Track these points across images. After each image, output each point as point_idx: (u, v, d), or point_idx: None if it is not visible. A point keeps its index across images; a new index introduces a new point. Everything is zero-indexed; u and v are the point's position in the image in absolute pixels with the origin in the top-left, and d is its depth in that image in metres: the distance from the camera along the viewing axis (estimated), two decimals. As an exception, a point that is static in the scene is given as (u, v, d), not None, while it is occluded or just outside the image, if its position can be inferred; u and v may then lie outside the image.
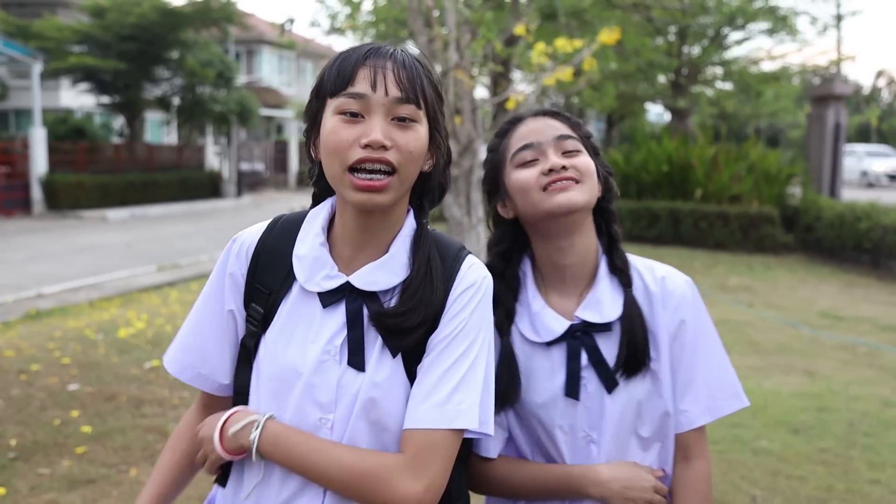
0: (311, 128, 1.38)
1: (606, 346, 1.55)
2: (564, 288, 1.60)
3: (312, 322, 1.36)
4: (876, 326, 8.15)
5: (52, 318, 7.89)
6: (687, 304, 1.59)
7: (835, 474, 4.27)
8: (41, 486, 3.93)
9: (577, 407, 1.56)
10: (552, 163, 1.52)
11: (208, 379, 1.46)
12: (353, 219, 1.36)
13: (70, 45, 22.07)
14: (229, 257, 1.44)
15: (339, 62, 1.32)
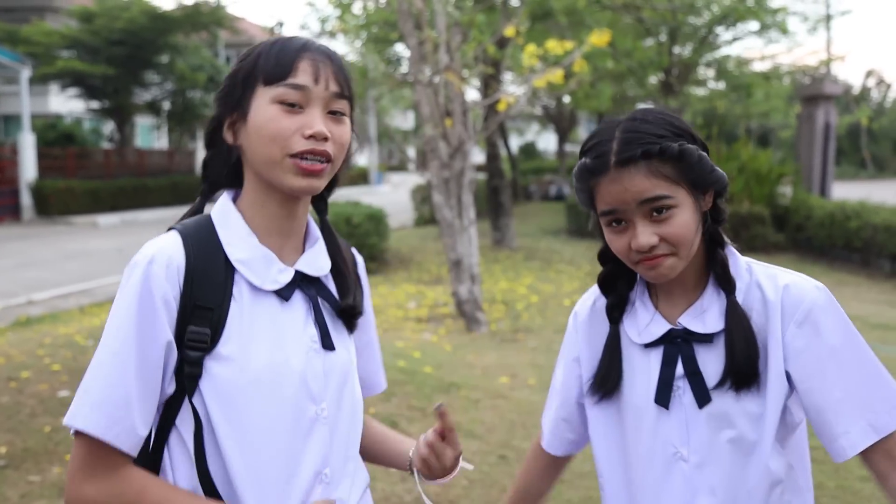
0: (229, 112, 1.36)
1: (708, 359, 1.43)
2: (672, 294, 1.50)
3: (276, 320, 1.35)
4: (866, 324, 8.18)
5: (42, 324, 7.85)
6: (818, 312, 1.41)
7: (825, 472, 4.27)
8: (31, 494, 3.90)
9: (668, 418, 1.46)
10: (639, 244, 1.37)
11: (133, 434, 1.25)
12: (280, 207, 1.37)
13: (58, 51, 22.05)
14: (152, 281, 1.26)
15: (276, 51, 1.32)
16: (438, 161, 7.20)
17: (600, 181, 1.39)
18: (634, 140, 1.36)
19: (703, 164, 1.39)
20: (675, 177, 1.37)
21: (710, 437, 1.43)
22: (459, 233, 7.24)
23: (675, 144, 1.36)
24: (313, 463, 1.34)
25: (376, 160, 37.93)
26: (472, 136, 7.39)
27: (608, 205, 1.39)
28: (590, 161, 1.40)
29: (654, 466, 1.47)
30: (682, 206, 1.38)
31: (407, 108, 25.90)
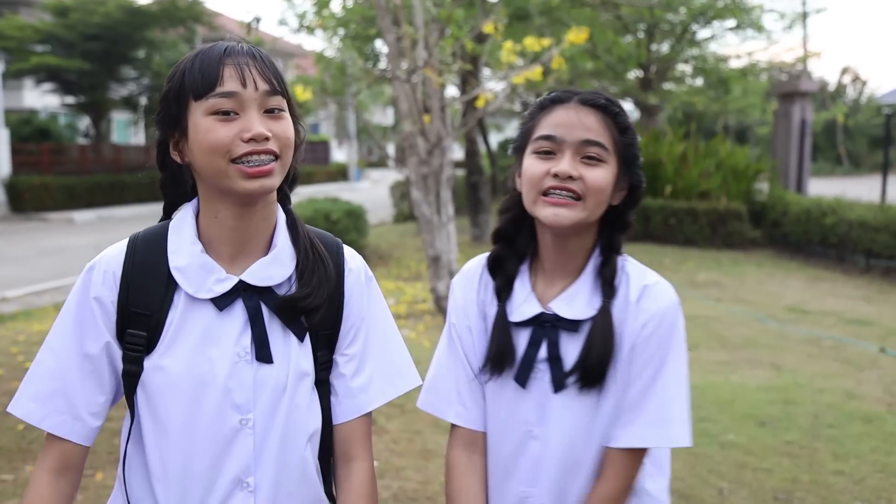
0: (170, 133, 1.37)
1: (570, 347, 1.51)
2: (552, 276, 1.57)
3: (210, 328, 1.37)
4: (841, 320, 8.27)
5: (16, 321, 7.77)
6: (663, 326, 1.51)
7: (800, 466, 4.32)
8: (5, 493, 3.86)
9: (526, 397, 1.53)
10: (561, 168, 1.46)
11: (77, 425, 1.38)
12: (231, 216, 1.38)
13: (33, 45, 21.78)
14: (90, 286, 1.37)
15: (198, 64, 1.33)
16: (417, 157, 7.18)
17: (556, 109, 1.51)
18: (601, 95, 1.52)
19: (637, 152, 1.55)
20: (616, 141, 1.50)
21: (561, 420, 1.50)
22: (438, 229, 7.23)
23: (627, 119, 1.53)
24: (233, 470, 1.37)
25: (355, 156, 37.80)
26: (451, 133, 7.38)
27: (553, 129, 1.49)
28: (555, 94, 1.54)
29: (509, 441, 1.54)
30: (608, 168, 1.49)
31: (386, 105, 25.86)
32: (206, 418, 1.36)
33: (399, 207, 18.64)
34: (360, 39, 12.95)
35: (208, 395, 1.35)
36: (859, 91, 45.40)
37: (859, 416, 5.15)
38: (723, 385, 5.79)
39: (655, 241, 14.19)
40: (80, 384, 1.37)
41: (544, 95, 1.57)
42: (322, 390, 1.46)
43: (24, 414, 1.37)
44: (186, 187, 1.45)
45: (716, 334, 7.50)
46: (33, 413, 1.37)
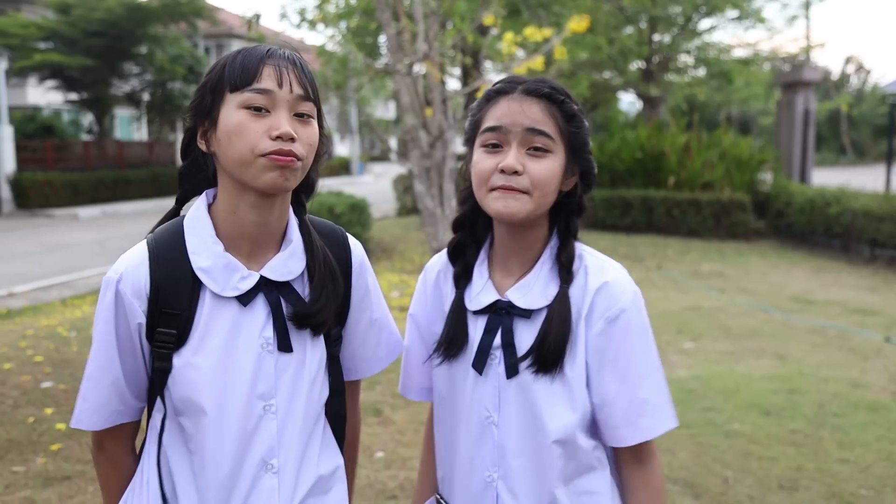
0: (201, 121, 1.43)
1: (525, 333, 1.52)
2: (508, 266, 1.58)
3: (236, 324, 1.44)
4: (846, 310, 8.27)
5: (23, 316, 7.81)
6: (627, 315, 1.51)
7: (805, 454, 4.34)
8: (16, 484, 3.90)
9: (484, 384, 1.55)
10: (506, 163, 1.46)
11: (131, 410, 1.52)
12: (251, 211, 1.43)
13: (35, 42, 21.80)
14: (123, 298, 1.43)
15: (240, 59, 1.39)
16: (419, 150, 7.20)
17: (501, 101, 1.51)
18: (545, 83, 1.51)
19: (585, 138, 1.54)
20: (562, 129, 1.50)
21: (517, 406, 1.52)
22: (441, 221, 7.25)
23: (574, 106, 1.51)
24: (259, 453, 1.45)
25: (358, 150, 37.79)
26: (453, 125, 7.39)
27: (498, 120, 1.49)
28: (499, 85, 1.53)
29: (470, 428, 1.57)
30: (555, 157, 1.49)
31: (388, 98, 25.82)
32: (234, 409, 1.43)
33: (402, 201, 18.64)
34: (361, 33, 12.95)
35: (236, 387, 1.43)
36: (863, 80, 45.25)
37: (864, 404, 5.16)
38: (727, 375, 5.81)
39: (659, 232, 14.19)
40: (126, 384, 1.47)
41: (490, 87, 1.57)
42: (335, 363, 1.58)
43: (90, 425, 1.49)
44: (207, 175, 1.49)
45: (720, 324, 7.51)
46: (97, 423, 1.49)
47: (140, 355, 1.46)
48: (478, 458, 1.56)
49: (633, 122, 18.11)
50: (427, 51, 6.85)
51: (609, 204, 14.40)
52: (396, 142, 20.75)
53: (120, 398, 1.48)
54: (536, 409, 1.50)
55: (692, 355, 6.39)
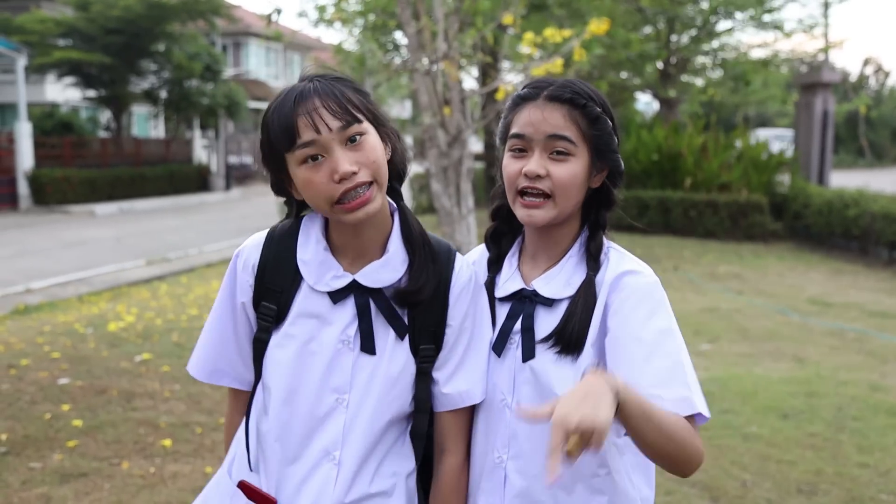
0: (279, 175, 1.56)
1: (545, 320, 1.58)
2: (537, 259, 1.66)
3: (324, 317, 1.56)
4: (864, 312, 8.20)
5: (40, 312, 7.85)
6: (637, 294, 1.52)
7: (824, 458, 4.30)
8: (33, 480, 3.92)
9: (501, 366, 1.61)
10: (529, 168, 1.54)
11: (234, 376, 1.68)
12: (349, 231, 1.56)
13: (54, 39, 21.94)
14: (237, 271, 1.63)
15: (275, 119, 1.48)
16: (437, 150, 7.18)
17: (525, 107, 1.57)
18: (568, 88, 1.56)
19: (610, 139, 1.58)
20: (585, 133, 1.55)
21: (530, 391, 1.56)
22: (458, 221, 7.23)
23: (597, 108, 1.56)
24: (324, 442, 1.55)
25: (374, 149, 37.76)
26: (471, 125, 7.37)
27: (522, 128, 1.56)
28: (525, 91, 1.60)
29: (489, 409, 1.62)
30: (579, 160, 1.55)
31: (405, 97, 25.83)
32: (305, 394, 1.55)
33: (418, 200, 18.64)
34: (379, 31, 12.95)
35: (313, 373, 1.55)
36: (882, 82, 44.87)
37: (884, 408, 5.11)
38: (745, 377, 5.76)
39: (675, 233, 14.13)
40: (230, 342, 1.65)
41: (517, 91, 1.63)
42: (423, 380, 1.60)
43: (195, 373, 1.69)
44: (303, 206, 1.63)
45: (738, 327, 7.46)
46: (201, 374, 1.68)
47: (245, 321, 1.62)
48: (489, 439, 1.62)
49: (650, 122, 18.03)
50: (447, 50, 6.84)
51: (625, 205, 14.09)
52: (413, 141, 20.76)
53: (225, 357, 1.65)
54: (549, 394, 1.53)
55: (709, 357, 6.35)
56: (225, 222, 16.50)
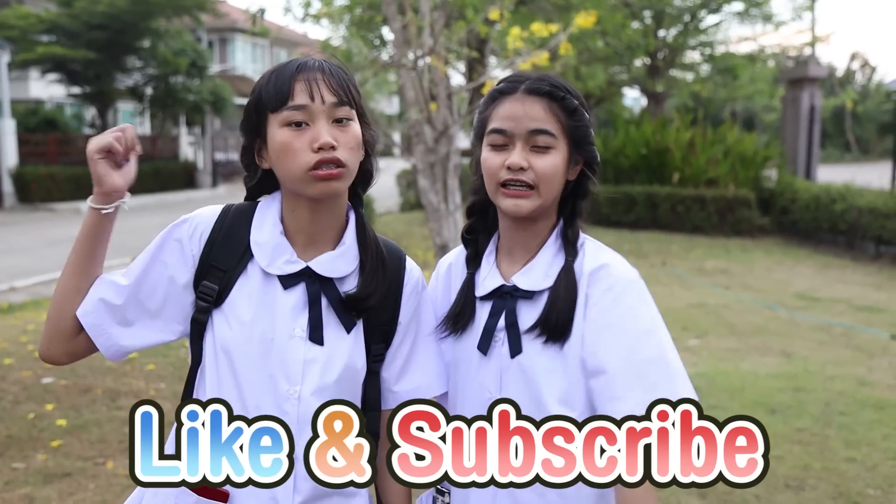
0: (254, 140, 1.56)
1: (528, 314, 1.59)
2: (513, 254, 1.66)
3: (273, 301, 1.54)
4: (851, 307, 8.23)
5: (24, 311, 7.79)
6: (623, 288, 1.55)
7: (811, 453, 4.30)
8: (16, 481, 3.87)
9: (487, 365, 1.61)
10: (512, 161, 1.55)
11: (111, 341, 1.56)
12: (306, 213, 1.56)
13: (37, 35, 21.73)
14: (177, 232, 1.57)
15: (273, 80, 1.51)
16: (423, 145, 7.15)
17: (504, 101, 1.58)
18: (545, 81, 1.58)
19: (587, 130, 1.61)
20: (564, 127, 1.57)
21: (518, 388, 1.57)
22: (445, 217, 7.20)
23: (575, 101, 1.58)
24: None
25: (361, 145, 37.72)
26: (458, 121, 7.34)
27: (503, 123, 1.57)
28: (502, 85, 1.61)
29: (472, 409, 1.57)
30: (558, 152, 1.57)
31: (391, 93, 25.76)
32: (263, 378, 1.52)
33: (405, 196, 18.61)
34: (365, 27, 12.90)
35: (268, 358, 1.52)
36: (868, 77, 45.14)
37: (871, 403, 5.12)
38: (733, 373, 5.77)
39: (663, 228, 14.15)
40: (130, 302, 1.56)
41: (494, 86, 1.64)
42: (372, 380, 1.61)
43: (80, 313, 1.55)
44: (271, 188, 1.62)
45: (725, 322, 7.47)
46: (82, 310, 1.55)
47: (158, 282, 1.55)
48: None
49: (637, 118, 18.05)
50: (433, 45, 6.81)
51: (613, 200, 14.35)
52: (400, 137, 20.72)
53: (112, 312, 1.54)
54: (537, 391, 1.55)
55: (697, 353, 6.35)
56: (212, 219, 16.31)
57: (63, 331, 1.56)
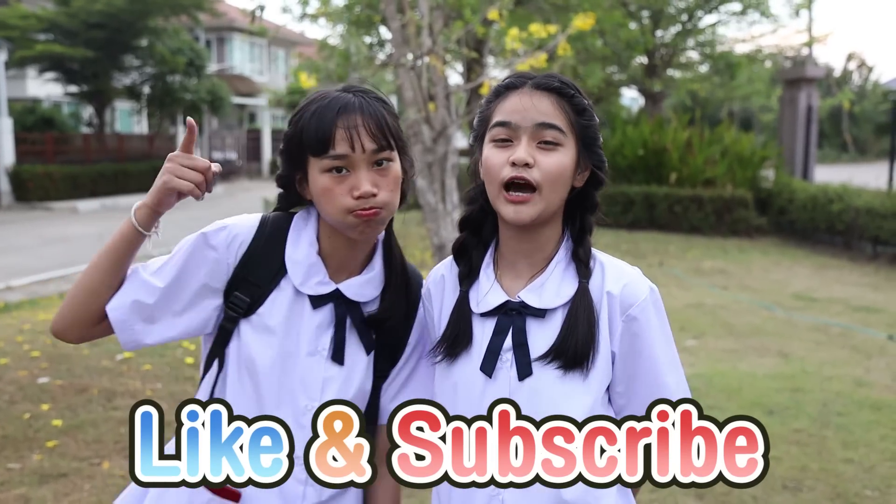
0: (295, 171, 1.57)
1: (541, 333, 1.50)
2: (517, 268, 1.56)
3: (301, 318, 1.58)
4: (848, 307, 8.23)
5: (21, 310, 7.76)
6: (646, 309, 1.52)
7: (809, 454, 4.29)
8: (11, 481, 3.86)
9: (494, 387, 1.50)
10: (517, 156, 1.45)
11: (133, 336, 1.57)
12: (344, 242, 1.59)
13: (35, 34, 21.68)
14: (212, 238, 1.58)
15: (314, 123, 1.50)
16: (422, 145, 7.15)
17: (510, 96, 1.50)
18: (554, 78, 1.51)
19: (596, 132, 1.54)
20: (573, 124, 1.49)
21: (529, 411, 1.42)
22: (443, 217, 7.20)
23: (584, 100, 1.52)
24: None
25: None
26: (456, 121, 7.33)
27: (508, 115, 1.48)
28: (508, 80, 1.54)
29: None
30: (566, 151, 1.48)
31: (390, 93, 25.77)
32: (282, 390, 1.56)
33: (403, 196, 18.60)
34: (364, 26, 12.89)
35: (291, 372, 1.56)
36: (865, 77, 45.18)
37: (868, 403, 5.12)
38: (730, 373, 5.76)
39: (660, 228, 14.14)
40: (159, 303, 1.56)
41: (499, 83, 1.56)
42: (374, 395, 1.66)
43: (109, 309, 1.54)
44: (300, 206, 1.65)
45: (722, 322, 7.47)
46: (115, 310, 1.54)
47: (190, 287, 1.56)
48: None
49: (635, 118, 18.04)
50: (431, 45, 6.80)
51: (611, 200, 14.34)
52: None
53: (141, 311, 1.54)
54: (550, 411, 1.44)
55: (695, 353, 6.35)
56: (208, 219, 16.05)
57: (86, 319, 1.56)
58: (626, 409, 1.53)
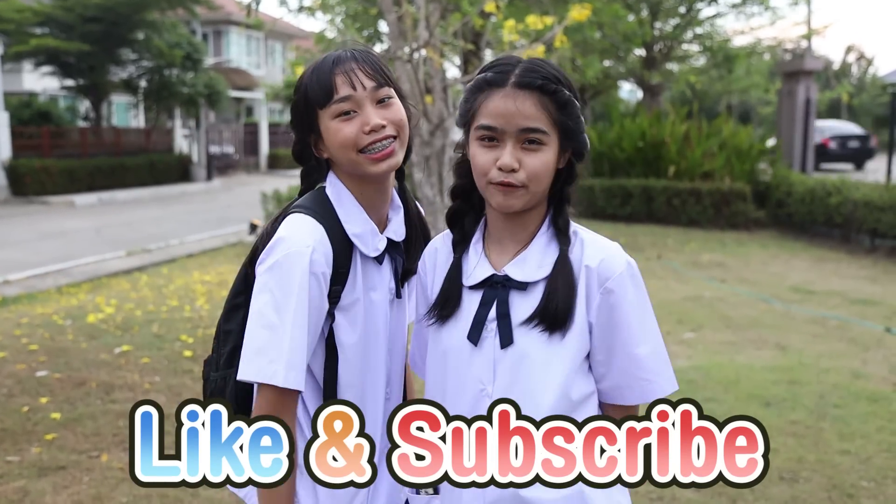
0: (308, 135, 1.71)
1: (523, 304, 1.57)
2: (503, 244, 1.64)
3: (374, 277, 1.74)
4: (846, 300, 8.24)
5: (18, 304, 7.76)
6: (623, 282, 1.57)
7: (805, 446, 4.31)
8: (10, 474, 3.86)
9: (480, 355, 1.59)
10: (503, 162, 1.52)
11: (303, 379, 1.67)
12: (373, 190, 1.72)
13: (31, 27, 21.61)
14: (316, 266, 1.62)
15: (314, 78, 1.66)
16: (419, 138, 7.14)
17: (493, 95, 1.54)
18: (536, 72, 1.53)
19: (578, 121, 1.58)
20: (556, 120, 1.54)
21: (511, 378, 1.56)
22: (441, 210, 7.19)
23: (567, 92, 1.54)
24: (382, 382, 1.78)
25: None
26: (453, 114, 7.33)
27: (493, 120, 1.53)
28: (490, 75, 1.56)
29: (464, 400, 1.59)
30: (550, 148, 1.54)
31: (387, 86, 25.69)
32: (377, 349, 1.74)
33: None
34: (360, 19, 12.86)
35: (373, 329, 1.73)
36: (864, 70, 45.14)
37: (865, 395, 5.13)
38: (728, 365, 5.77)
39: (658, 221, 14.14)
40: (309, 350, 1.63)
41: (477, 77, 1.59)
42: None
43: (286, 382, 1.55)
44: (324, 173, 1.75)
45: (720, 315, 7.47)
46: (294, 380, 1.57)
47: (321, 321, 1.65)
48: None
49: (633, 110, 18.03)
50: (428, 38, 6.79)
51: (609, 193, 14.35)
52: (395, 130, 20.63)
53: (304, 360, 1.60)
54: (530, 381, 1.54)
55: (692, 346, 6.36)
56: (206, 213, 16.37)
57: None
58: (605, 378, 1.60)
